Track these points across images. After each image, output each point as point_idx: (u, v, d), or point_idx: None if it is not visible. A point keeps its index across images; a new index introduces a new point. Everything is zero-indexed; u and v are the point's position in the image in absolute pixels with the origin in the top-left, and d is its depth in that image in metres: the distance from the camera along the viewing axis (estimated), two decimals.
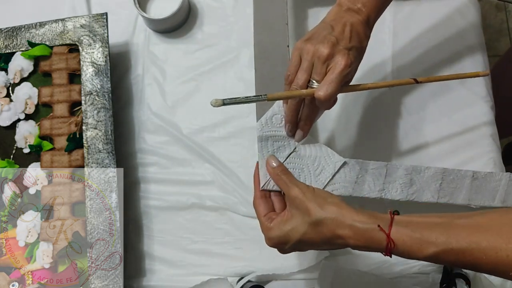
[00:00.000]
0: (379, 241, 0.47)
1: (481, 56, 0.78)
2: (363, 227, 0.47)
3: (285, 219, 0.52)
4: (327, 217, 0.49)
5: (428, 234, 0.45)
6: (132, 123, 0.78)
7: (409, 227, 0.46)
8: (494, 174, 0.62)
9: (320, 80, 0.53)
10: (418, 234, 0.45)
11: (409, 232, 0.46)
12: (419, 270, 0.68)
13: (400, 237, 0.46)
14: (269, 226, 0.53)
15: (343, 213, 0.49)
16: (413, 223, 0.47)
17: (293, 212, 0.52)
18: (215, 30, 0.81)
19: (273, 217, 0.54)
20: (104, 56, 0.72)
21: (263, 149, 0.59)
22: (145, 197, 0.74)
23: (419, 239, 0.45)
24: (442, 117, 0.75)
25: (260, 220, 0.55)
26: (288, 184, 0.54)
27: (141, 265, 0.72)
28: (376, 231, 0.47)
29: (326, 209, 0.49)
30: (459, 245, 0.44)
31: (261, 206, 0.56)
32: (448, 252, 0.44)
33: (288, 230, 0.51)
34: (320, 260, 0.68)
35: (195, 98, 0.78)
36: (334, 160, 0.59)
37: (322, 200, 0.51)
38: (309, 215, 0.50)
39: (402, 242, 0.46)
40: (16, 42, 0.74)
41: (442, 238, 0.44)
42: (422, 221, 0.47)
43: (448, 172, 0.61)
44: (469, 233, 0.44)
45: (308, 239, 0.50)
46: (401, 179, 0.60)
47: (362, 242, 0.48)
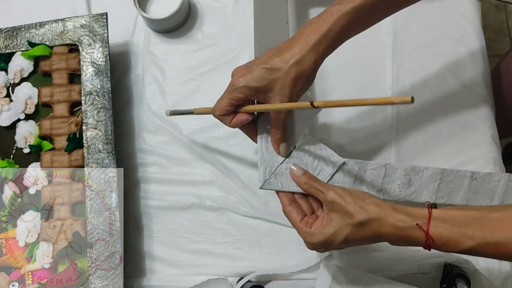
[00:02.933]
0: (419, 238, 0.49)
1: (481, 56, 0.78)
2: (403, 225, 0.49)
3: (325, 223, 0.53)
4: (370, 218, 0.50)
5: (465, 229, 0.47)
6: (132, 123, 0.78)
7: (446, 222, 0.48)
8: (493, 175, 0.62)
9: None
10: (455, 229, 0.47)
11: (446, 227, 0.48)
12: (419, 270, 0.68)
13: (438, 233, 0.48)
14: (310, 232, 0.54)
15: (383, 213, 0.50)
16: (450, 218, 0.48)
17: (333, 216, 0.53)
18: (215, 30, 0.81)
19: (309, 221, 0.55)
20: (104, 56, 0.72)
21: (263, 147, 0.59)
22: (145, 197, 0.74)
23: (456, 234, 0.47)
24: (442, 117, 0.75)
25: (297, 226, 0.55)
26: (322, 190, 0.55)
27: (141, 265, 0.72)
28: (415, 229, 0.49)
29: (367, 210, 0.51)
30: (494, 239, 0.46)
31: (293, 213, 0.56)
32: (485, 245, 0.46)
33: (331, 234, 0.52)
34: (320, 260, 0.68)
35: (195, 98, 0.78)
36: (333, 160, 0.59)
37: (361, 201, 0.52)
38: (351, 217, 0.51)
39: (440, 237, 0.48)
40: (16, 42, 0.74)
41: (478, 233, 0.46)
42: (459, 216, 0.48)
43: (446, 172, 0.61)
44: (504, 227, 0.46)
45: (352, 239, 0.52)
46: (400, 179, 0.60)
47: (403, 240, 0.50)
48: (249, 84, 0.53)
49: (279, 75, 0.53)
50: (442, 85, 0.77)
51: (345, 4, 0.53)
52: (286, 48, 0.53)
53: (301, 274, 0.69)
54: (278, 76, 0.53)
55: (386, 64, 0.78)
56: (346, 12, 0.52)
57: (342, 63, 0.77)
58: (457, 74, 0.77)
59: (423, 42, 0.79)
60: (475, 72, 0.77)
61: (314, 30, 0.53)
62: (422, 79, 0.77)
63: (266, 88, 0.53)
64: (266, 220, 0.72)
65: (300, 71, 0.53)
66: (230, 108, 0.56)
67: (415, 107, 0.76)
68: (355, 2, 0.52)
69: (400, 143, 0.74)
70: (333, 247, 0.53)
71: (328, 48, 0.54)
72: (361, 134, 0.75)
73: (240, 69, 0.56)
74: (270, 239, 0.72)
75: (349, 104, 0.47)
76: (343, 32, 0.54)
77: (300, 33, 0.54)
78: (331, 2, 0.56)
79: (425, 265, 0.68)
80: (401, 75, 0.77)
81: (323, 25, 0.53)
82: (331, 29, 0.52)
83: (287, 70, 0.52)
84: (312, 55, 0.53)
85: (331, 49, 0.55)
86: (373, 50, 0.79)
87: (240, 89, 0.54)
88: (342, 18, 0.52)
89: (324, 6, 0.78)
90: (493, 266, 0.67)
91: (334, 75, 0.76)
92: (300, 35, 0.54)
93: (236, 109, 0.57)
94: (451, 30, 0.79)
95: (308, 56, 0.53)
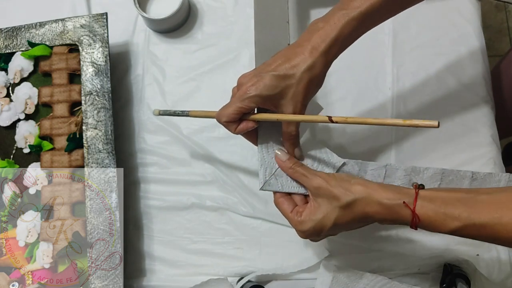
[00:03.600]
0: (405, 216, 0.49)
1: (481, 56, 0.78)
2: (390, 203, 0.49)
3: (313, 209, 0.53)
4: (357, 198, 0.51)
5: (452, 209, 0.47)
6: (132, 123, 0.78)
7: (433, 202, 0.48)
8: (493, 175, 0.62)
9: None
10: (442, 209, 0.48)
11: (433, 207, 0.48)
12: (419, 270, 0.68)
13: (425, 212, 0.48)
14: (300, 220, 0.54)
15: (369, 191, 0.51)
16: (437, 198, 0.49)
17: (320, 201, 0.53)
18: (215, 30, 0.81)
19: (299, 210, 0.55)
20: (104, 56, 0.72)
21: (263, 149, 0.59)
22: (145, 197, 0.74)
23: (443, 214, 0.47)
24: (442, 117, 0.75)
25: (288, 217, 0.56)
26: (307, 175, 0.55)
27: (141, 265, 0.72)
28: (402, 207, 0.49)
29: (353, 190, 0.51)
30: (480, 220, 0.46)
31: (284, 204, 0.57)
32: (471, 226, 0.47)
33: (320, 219, 0.52)
34: (320, 260, 0.68)
35: (195, 98, 0.78)
36: (333, 161, 0.59)
37: (346, 183, 0.52)
38: (338, 200, 0.51)
39: (426, 217, 0.48)
40: (16, 42, 0.74)
41: (464, 213, 0.47)
42: (446, 196, 0.49)
43: (447, 172, 0.61)
44: (491, 209, 0.46)
45: (342, 222, 0.52)
46: (400, 180, 0.60)
47: (389, 218, 0.50)
48: (262, 93, 0.53)
49: (291, 82, 0.53)
50: (442, 85, 0.77)
51: (352, 9, 0.53)
52: (295, 54, 0.53)
53: (301, 274, 0.69)
54: (290, 83, 0.53)
55: (386, 64, 0.78)
56: (353, 17, 0.53)
57: (342, 63, 0.76)
58: (457, 74, 0.77)
59: (423, 42, 0.79)
60: (475, 72, 0.77)
61: (322, 35, 0.53)
62: (422, 79, 0.77)
63: (278, 95, 0.53)
64: (266, 220, 0.72)
65: (312, 77, 0.53)
66: (238, 116, 0.55)
67: (415, 107, 0.76)
68: (361, 8, 0.52)
69: (400, 144, 0.74)
70: (325, 232, 0.53)
71: (336, 53, 0.54)
72: (362, 134, 0.75)
73: (249, 76, 0.55)
74: (270, 239, 0.72)
75: (370, 122, 0.48)
76: (351, 37, 0.54)
77: (306, 38, 0.54)
78: (332, 2, 0.56)
79: (425, 265, 0.68)
80: (401, 75, 0.77)
81: (332, 31, 0.53)
82: (340, 34, 0.53)
83: (299, 77, 0.52)
84: (322, 61, 0.53)
85: (339, 53, 0.55)
86: (373, 50, 0.79)
87: (252, 98, 0.53)
88: (349, 23, 0.53)
89: (325, 6, 0.79)
90: (493, 266, 0.66)
91: (334, 75, 0.76)
92: (307, 40, 0.53)
93: (243, 117, 0.56)
94: (451, 30, 0.79)
95: (318, 61, 0.53)
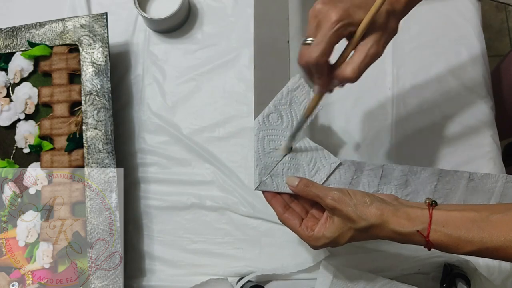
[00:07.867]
0: (419, 242, 0.51)
1: (481, 56, 0.78)
2: (404, 231, 0.50)
3: (327, 226, 0.54)
4: (372, 224, 0.51)
5: (465, 233, 0.48)
6: (132, 123, 0.78)
7: (446, 226, 0.49)
8: (490, 176, 0.62)
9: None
10: (455, 233, 0.49)
11: (446, 231, 0.49)
12: (419, 270, 0.68)
13: (438, 237, 0.49)
14: (313, 236, 0.54)
15: (384, 218, 0.51)
16: (450, 221, 0.49)
17: (335, 219, 0.54)
18: (215, 30, 0.81)
19: (308, 225, 0.55)
20: (104, 56, 0.72)
21: (259, 148, 0.59)
22: (145, 197, 0.74)
23: (456, 239, 0.49)
24: (442, 117, 0.75)
25: (297, 232, 0.56)
26: (320, 196, 0.55)
27: (141, 265, 0.72)
28: (416, 235, 0.50)
29: (368, 216, 0.51)
30: (493, 244, 0.47)
31: (290, 220, 0.56)
32: (484, 250, 0.48)
33: (335, 236, 0.53)
34: (320, 260, 0.68)
35: (195, 98, 0.78)
36: (329, 161, 0.59)
37: (362, 206, 0.52)
38: (353, 223, 0.52)
39: (440, 242, 0.49)
40: (16, 42, 0.74)
41: (477, 237, 0.48)
42: (459, 218, 0.49)
43: (444, 173, 0.61)
44: (504, 231, 0.47)
45: (356, 240, 0.54)
46: (397, 180, 0.60)
47: (403, 242, 0.52)
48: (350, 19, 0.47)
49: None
50: (442, 85, 0.77)
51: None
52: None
53: (301, 274, 0.69)
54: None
55: (386, 64, 0.78)
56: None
57: None
58: (457, 74, 0.77)
59: (423, 42, 0.79)
60: (475, 72, 0.77)
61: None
62: (422, 79, 0.77)
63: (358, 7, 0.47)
64: (266, 220, 0.72)
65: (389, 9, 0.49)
66: (332, 49, 0.48)
67: (415, 107, 0.76)
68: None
69: (400, 143, 0.74)
70: (338, 246, 0.55)
71: (402, 12, 0.52)
72: (361, 134, 0.75)
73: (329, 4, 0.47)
74: (270, 239, 0.72)
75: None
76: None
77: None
78: None
79: (425, 265, 0.68)
80: (401, 75, 0.77)
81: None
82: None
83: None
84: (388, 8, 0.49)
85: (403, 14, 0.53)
86: None
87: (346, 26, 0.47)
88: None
89: None
90: (493, 266, 0.67)
91: None
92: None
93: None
94: (451, 30, 0.79)
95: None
